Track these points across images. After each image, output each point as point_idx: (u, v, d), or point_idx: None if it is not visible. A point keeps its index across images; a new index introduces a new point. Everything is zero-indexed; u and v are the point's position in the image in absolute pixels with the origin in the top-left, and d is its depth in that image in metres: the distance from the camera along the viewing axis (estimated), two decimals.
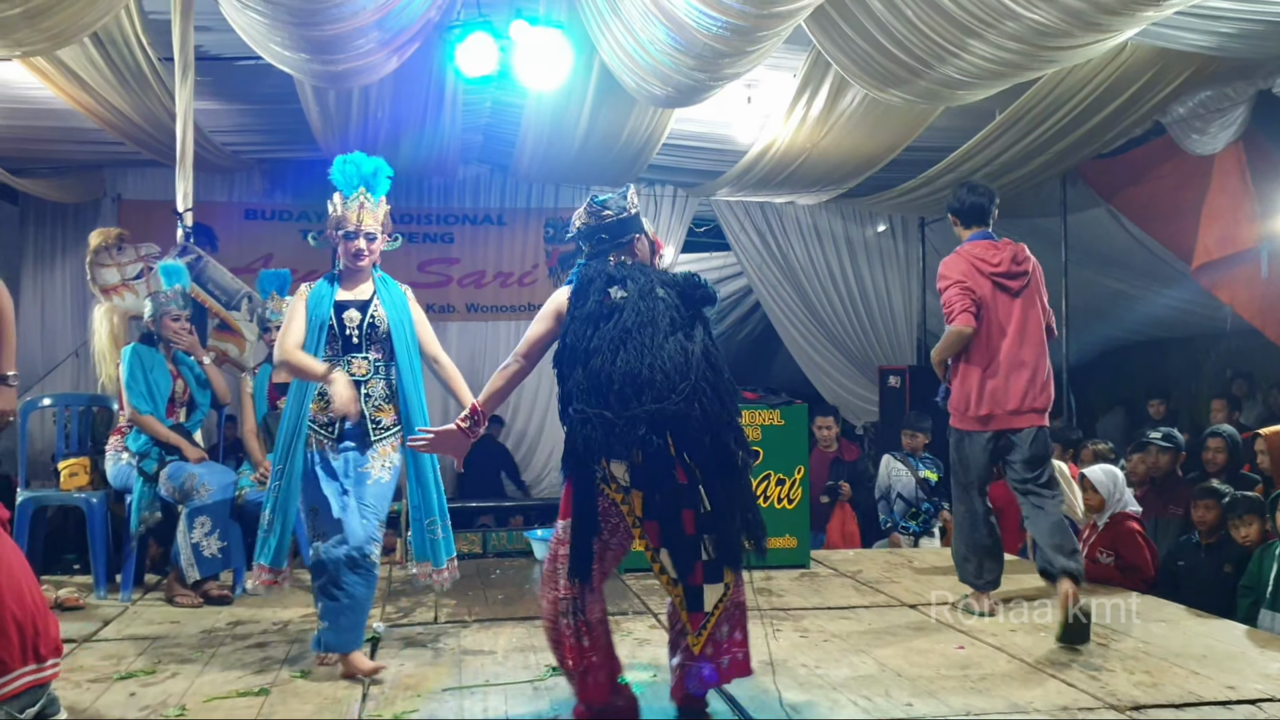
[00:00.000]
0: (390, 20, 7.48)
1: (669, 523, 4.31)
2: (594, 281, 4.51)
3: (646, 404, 4.22)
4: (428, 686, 5.22)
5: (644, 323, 4.36)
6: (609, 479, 4.33)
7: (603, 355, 4.28)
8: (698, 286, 4.62)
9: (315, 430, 5.40)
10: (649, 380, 4.25)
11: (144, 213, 11.84)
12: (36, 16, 7.16)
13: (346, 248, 5.49)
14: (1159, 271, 12.04)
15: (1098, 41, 7.25)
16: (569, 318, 4.49)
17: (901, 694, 5.07)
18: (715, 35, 7.06)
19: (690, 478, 4.34)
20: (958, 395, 6.63)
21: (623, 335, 4.31)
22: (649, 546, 4.34)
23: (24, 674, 4.26)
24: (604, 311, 4.40)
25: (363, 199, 5.48)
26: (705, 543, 4.35)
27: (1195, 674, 5.31)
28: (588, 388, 4.28)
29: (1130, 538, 7.37)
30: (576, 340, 4.39)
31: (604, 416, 4.23)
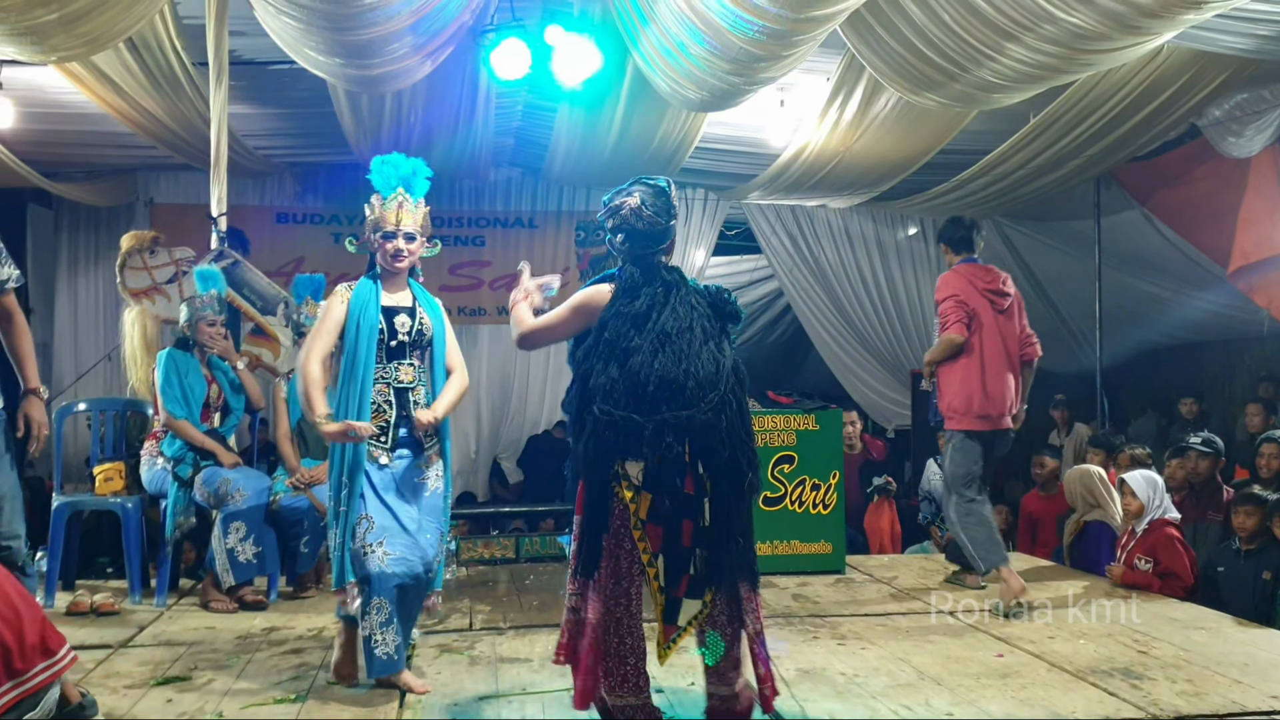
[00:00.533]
0: (425, 24, 7.47)
1: (670, 530, 4.26)
2: (646, 284, 4.43)
3: (676, 409, 4.19)
4: (464, 694, 5.20)
5: (682, 328, 4.32)
6: (621, 477, 4.26)
7: (643, 355, 4.23)
8: (729, 302, 4.60)
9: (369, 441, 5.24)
10: (682, 386, 4.21)
11: (176, 217, 11.88)
12: (73, 22, 7.19)
13: (385, 248, 5.35)
14: (1193, 275, 11.96)
15: (1136, 45, 7.19)
16: (612, 313, 4.39)
17: (941, 702, 5.03)
18: (751, 39, 7.03)
19: (697, 489, 4.29)
20: (959, 397, 7.12)
21: (662, 338, 4.27)
22: (648, 550, 4.27)
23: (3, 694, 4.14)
24: (646, 313, 4.34)
25: (401, 199, 5.36)
26: (696, 557, 4.29)
27: (1238, 683, 5.26)
28: (621, 388, 4.22)
29: (1169, 544, 7.31)
30: (616, 337, 4.32)
31: (632, 419, 4.18)
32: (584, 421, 4.30)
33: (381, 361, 5.32)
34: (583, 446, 4.28)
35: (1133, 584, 7.28)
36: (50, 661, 4.30)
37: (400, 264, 5.39)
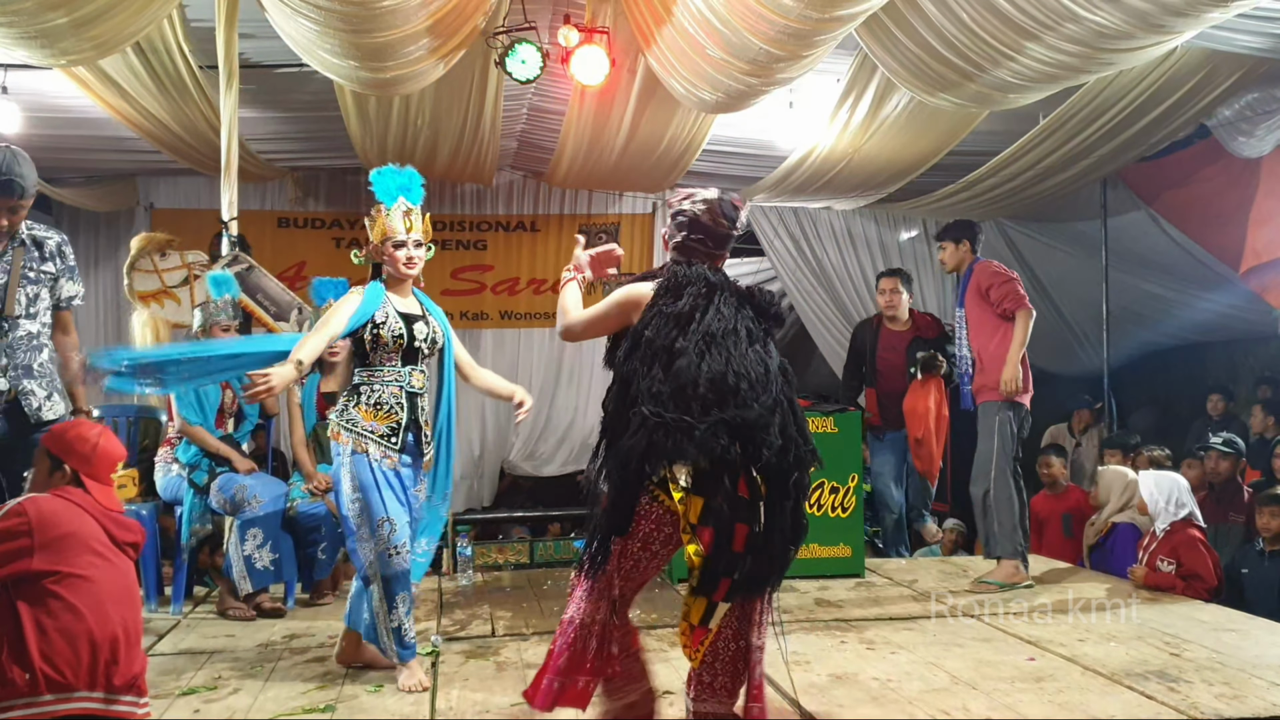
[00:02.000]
0: (441, 28, 7.42)
1: (722, 533, 4.07)
2: (693, 283, 4.33)
3: (729, 411, 4.06)
4: (495, 702, 5.16)
5: (728, 330, 4.22)
6: (668, 481, 4.12)
7: (689, 356, 4.11)
8: (771, 304, 4.51)
9: (376, 440, 5.36)
10: (734, 388, 4.08)
11: (176, 221, 11.77)
12: (83, 25, 7.14)
13: (396, 257, 5.51)
14: (1200, 275, 11.92)
15: (1158, 44, 7.15)
16: (654, 312, 4.28)
17: (978, 706, 5.00)
18: (771, 39, 6.97)
19: (752, 493, 4.13)
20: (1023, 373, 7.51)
21: (708, 339, 4.16)
22: (700, 553, 4.07)
23: (85, 699, 4.14)
24: (691, 313, 4.23)
25: (406, 207, 5.53)
26: (744, 563, 4.10)
27: (1276, 685, 5.24)
28: (670, 389, 4.07)
29: (1191, 546, 7.28)
30: (658, 336, 4.19)
31: (684, 421, 4.02)
32: (628, 422, 4.15)
33: (397, 365, 5.46)
34: (629, 445, 4.10)
35: (1156, 586, 7.26)
36: (136, 700, 4.33)
37: (412, 270, 5.57)
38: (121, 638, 4.22)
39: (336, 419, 5.43)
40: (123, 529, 4.43)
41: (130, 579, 4.43)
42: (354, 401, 5.42)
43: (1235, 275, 10.38)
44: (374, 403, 5.40)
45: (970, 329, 7.85)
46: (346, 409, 5.42)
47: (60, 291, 5.64)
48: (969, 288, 7.84)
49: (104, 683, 4.17)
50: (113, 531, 4.38)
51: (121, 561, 4.38)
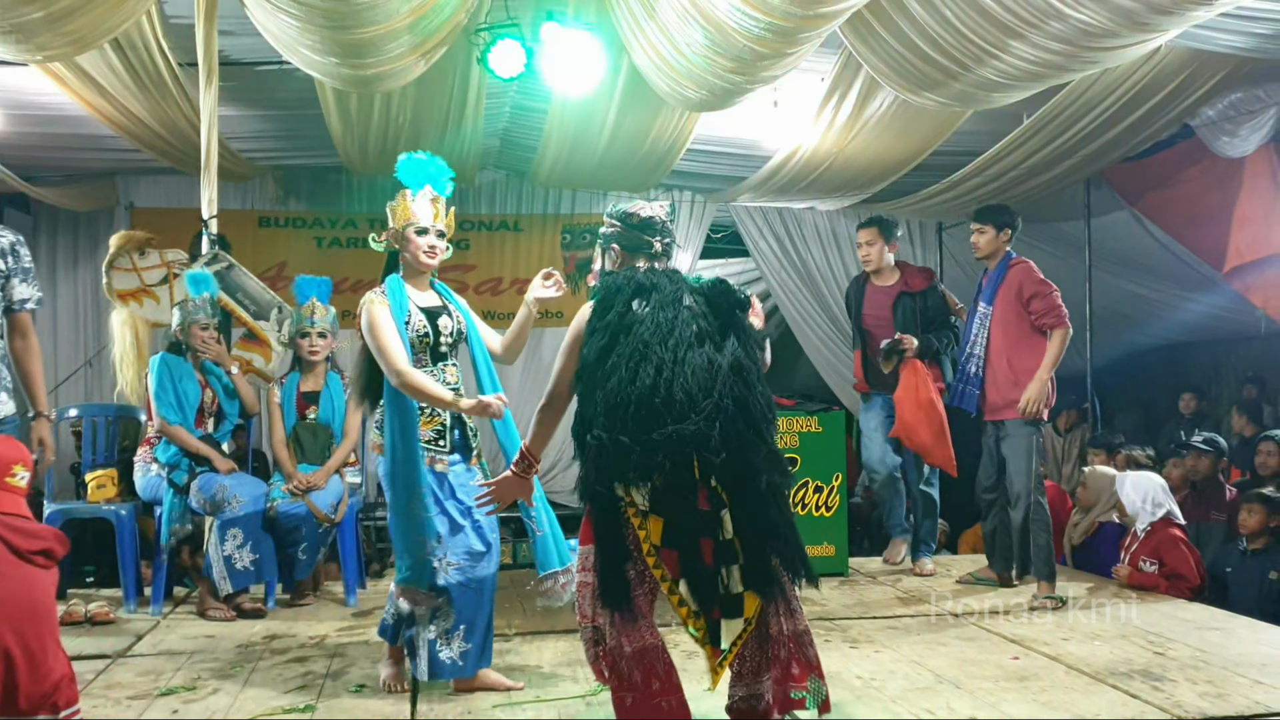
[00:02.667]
0: (422, 24, 7.38)
1: (688, 552, 4.01)
2: (620, 291, 4.22)
3: (666, 426, 3.94)
4: (477, 702, 5.12)
5: (664, 335, 4.06)
6: (628, 504, 4.05)
7: (619, 375, 4.00)
8: (726, 293, 4.35)
9: (424, 446, 5.16)
10: (668, 400, 3.95)
11: (157, 220, 11.70)
12: (59, 20, 7.06)
13: (418, 245, 5.24)
14: (1183, 276, 11.94)
15: (1142, 42, 7.14)
16: (588, 331, 4.20)
17: (963, 706, 4.98)
18: (756, 37, 6.94)
19: (713, 504, 4.03)
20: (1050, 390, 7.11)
21: (642, 351, 4.04)
22: (666, 577, 4.03)
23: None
24: (624, 325, 4.13)
25: (433, 195, 5.30)
26: (724, 575, 4.03)
27: (1259, 683, 5.23)
28: (605, 410, 4.00)
29: (1172, 545, 7.28)
30: (593, 356, 4.12)
31: (620, 442, 3.94)
32: (583, 447, 4.10)
33: (428, 364, 5.22)
34: (584, 473, 4.08)
35: (1139, 585, 7.25)
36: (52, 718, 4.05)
37: (433, 261, 5.30)
38: (19, 655, 3.89)
39: (376, 427, 5.29)
40: (25, 536, 4.06)
41: (35, 590, 4.05)
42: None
43: (1219, 275, 10.38)
44: (420, 409, 5.17)
45: (994, 332, 7.26)
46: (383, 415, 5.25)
47: (11, 293, 5.36)
48: (1003, 285, 7.30)
49: (3, 707, 3.89)
50: (10, 540, 4.02)
51: (21, 572, 4.02)
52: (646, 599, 4.15)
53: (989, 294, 7.37)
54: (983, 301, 7.40)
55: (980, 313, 7.38)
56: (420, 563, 5.09)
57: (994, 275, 7.40)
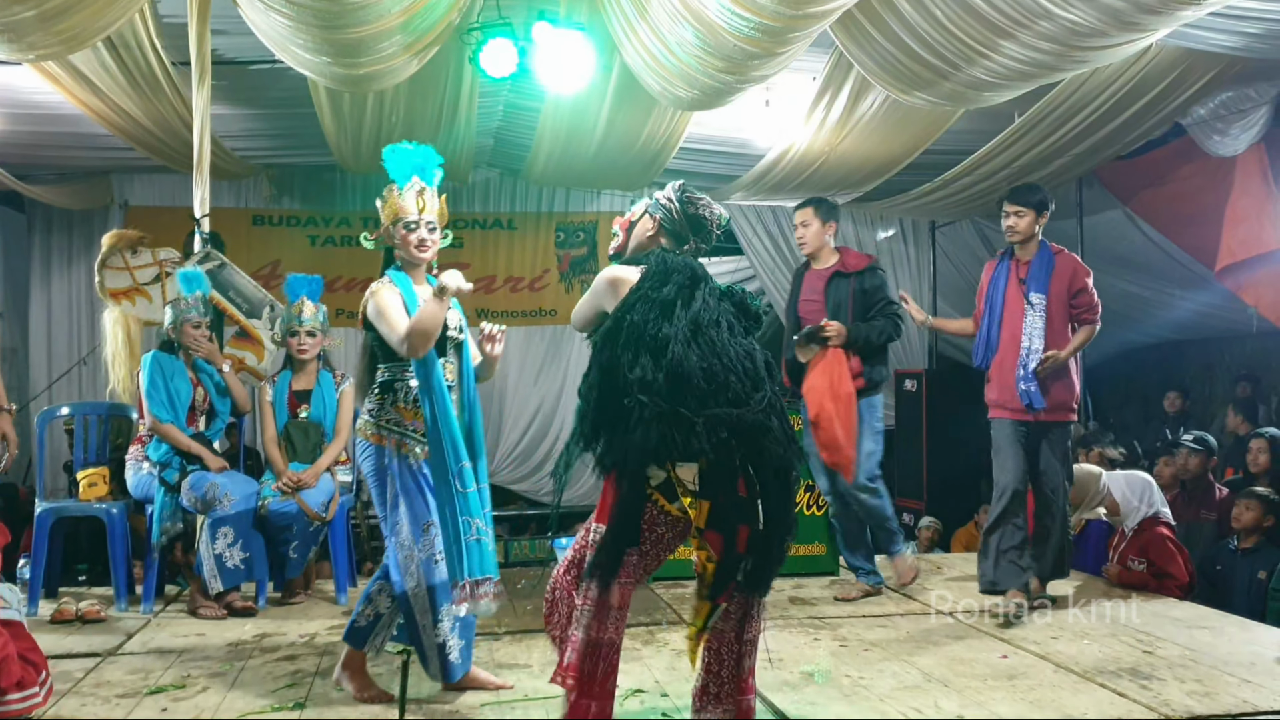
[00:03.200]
0: (414, 24, 7.39)
1: (730, 537, 3.98)
2: (680, 272, 4.21)
3: (724, 406, 3.95)
4: (465, 701, 5.11)
5: (714, 321, 4.10)
6: (673, 484, 4.02)
7: (678, 345, 3.98)
8: (750, 301, 4.39)
9: (420, 439, 5.05)
10: (724, 382, 3.97)
11: (151, 219, 11.72)
12: (51, 19, 7.06)
13: (408, 239, 5.09)
14: (1175, 274, 11.96)
15: (1131, 41, 7.17)
16: (638, 297, 4.15)
17: (950, 704, 4.99)
18: (746, 37, 6.96)
19: (750, 492, 4.01)
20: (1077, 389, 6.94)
21: (694, 329, 4.04)
22: (711, 559, 3.99)
23: None
24: (681, 300, 4.12)
25: (420, 187, 5.14)
26: (745, 563, 4.02)
27: (1247, 682, 5.25)
28: (660, 379, 3.94)
29: (1161, 544, 7.29)
30: (644, 322, 4.06)
31: (680, 414, 3.90)
32: (620, 414, 4.01)
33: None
34: (634, 441, 3.96)
35: (1128, 584, 7.26)
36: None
37: (425, 254, 5.15)
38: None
39: (372, 419, 5.10)
40: None
41: None
42: (391, 400, 5.08)
43: (1211, 274, 10.42)
44: (414, 400, 5.06)
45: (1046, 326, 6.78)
46: (384, 408, 5.09)
47: None
48: (1055, 275, 6.80)
49: None
50: None
51: None
52: (625, 591, 4.10)
53: (1040, 284, 6.81)
54: (1034, 292, 6.79)
55: (1034, 304, 6.77)
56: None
57: (1040, 263, 6.85)
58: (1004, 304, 6.93)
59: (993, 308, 6.99)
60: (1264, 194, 9.27)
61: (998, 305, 6.96)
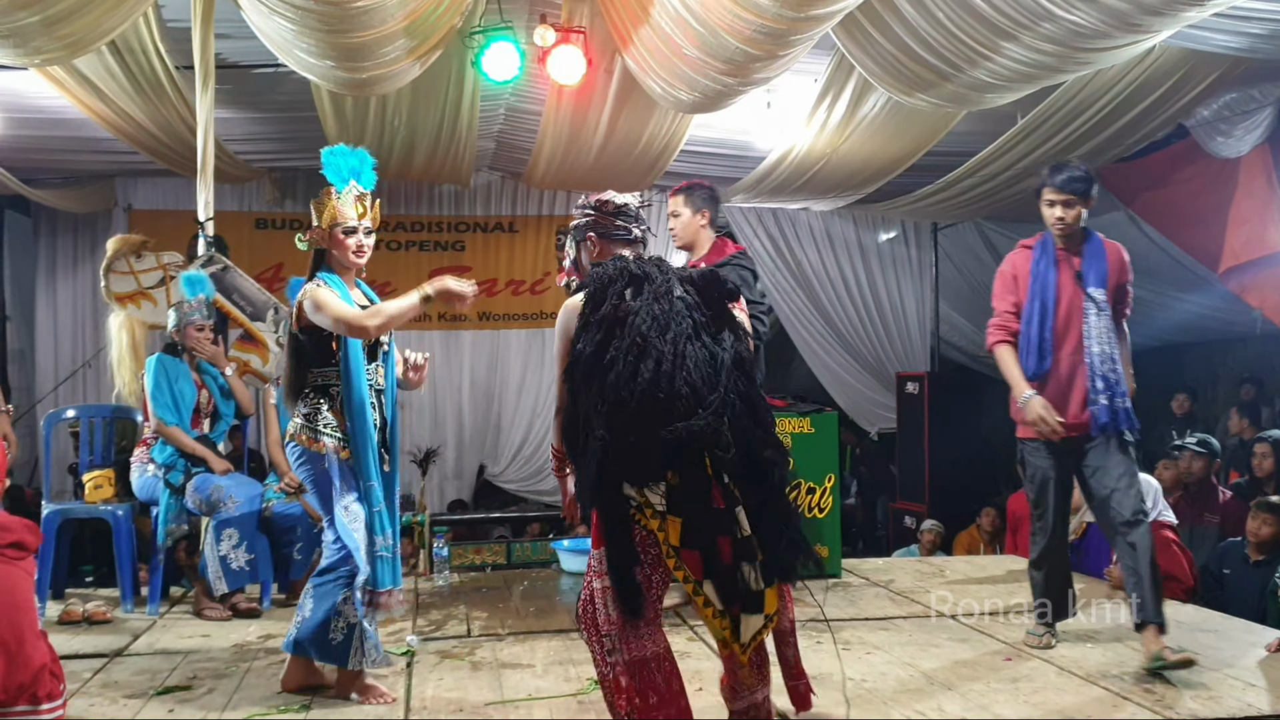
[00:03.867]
0: (418, 27, 7.41)
1: (709, 551, 3.88)
2: (612, 282, 4.03)
3: (671, 423, 3.78)
4: (470, 701, 5.12)
5: (661, 328, 3.90)
6: (643, 506, 3.89)
7: (617, 369, 3.81)
8: (717, 283, 4.18)
9: (327, 435, 5.07)
10: (672, 395, 3.79)
11: (155, 222, 11.78)
12: (55, 24, 7.09)
13: (345, 243, 5.08)
14: (1178, 276, 11.95)
15: (1134, 43, 7.18)
16: (581, 323, 4.00)
17: (954, 707, 4.98)
18: (748, 39, 6.97)
19: (728, 501, 3.91)
20: None
21: (640, 344, 3.84)
22: (689, 579, 3.89)
23: None
24: (618, 317, 3.93)
25: (359, 192, 5.15)
26: (744, 572, 3.90)
27: (1251, 686, 5.23)
28: (607, 407, 3.82)
29: (1165, 547, 7.24)
30: (588, 347, 3.92)
31: (627, 442, 3.80)
32: (584, 447, 3.94)
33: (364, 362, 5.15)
34: (589, 475, 3.90)
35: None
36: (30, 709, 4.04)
37: (362, 259, 5.17)
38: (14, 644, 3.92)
39: (309, 424, 5.08)
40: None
41: (10, 583, 4.04)
42: (328, 404, 5.09)
43: (1214, 276, 10.43)
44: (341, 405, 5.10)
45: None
46: (320, 413, 5.08)
47: None
48: (1110, 268, 5.79)
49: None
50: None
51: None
52: (652, 604, 4.03)
53: (1098, 278, 5.74)
54: (1094, 287, 5.72)
55: (1097, 301, 5.70)
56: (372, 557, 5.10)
57: (1094, 254, 5.80)
58: (1058, 300, 5.76)
59: (1045, 305, 5.78)
60: (1268, 195, 9.27)
61: (1051, 302, 5.76)
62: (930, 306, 14.68)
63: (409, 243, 13.31)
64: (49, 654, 4.15)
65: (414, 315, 4.95)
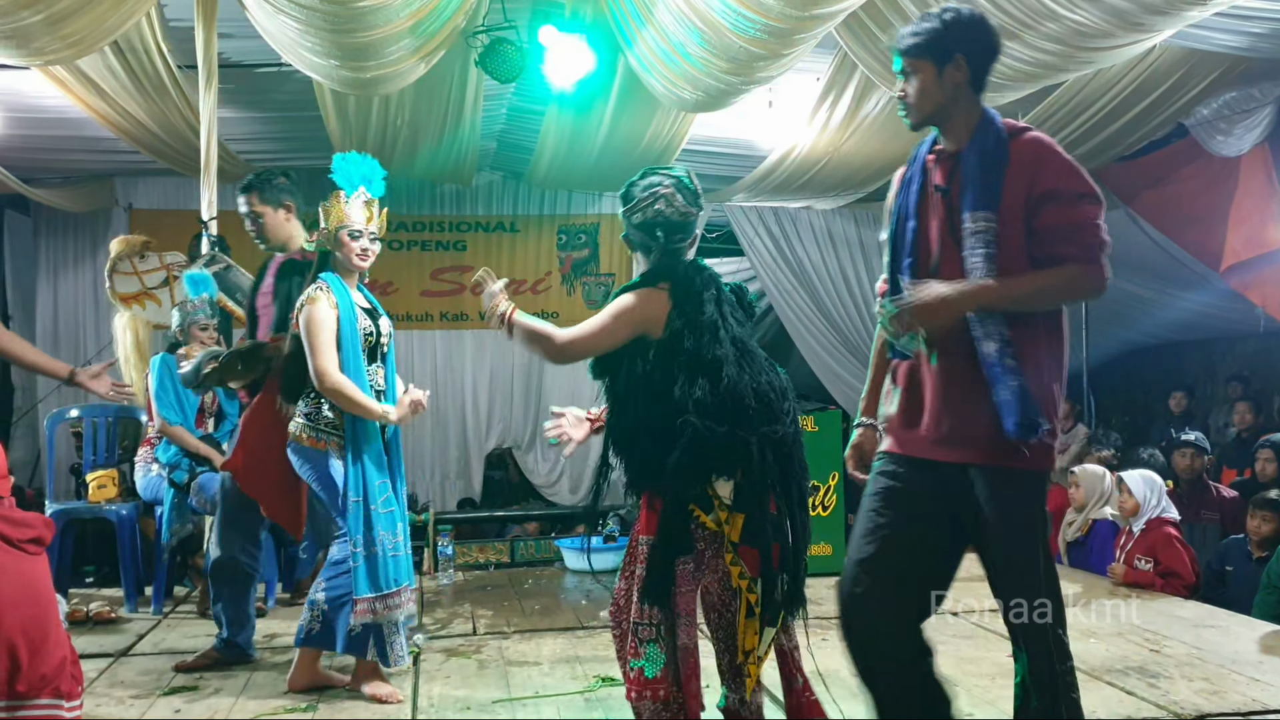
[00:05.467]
0: (423, 27, 7.41)
1: (766, 551, 3.94)
2: (708, 285, 4.11)
3: (770, 424, 3.91)
4: (477, 699, 5.15)
5: (747, 334, 4.09)
6: (710, 498, 3.94)
7: (731, 366, 3.91)
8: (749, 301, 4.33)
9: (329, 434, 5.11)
10: (766, 399, 3.93)
11: (155, 222, 11.78)
12: (58, 23, 7.08)
13: (351, 248, 5.17)
14: (1178, 275, 11.96)
15: (1136, 42, 7.19)
16: (683, 321, 3.99)
17: (960, 703, 4.95)
18: (752, 38, 6.98)
19: (779, 509, 3.97)
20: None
21: (740, 348, 3.99)
22: (744, 575, 3.95)
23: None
24: (716, 319, 4.02)
25: (366, 197, 5.26)
26: (781, 581, 3.99)
27: (1256, 681, 5.25)
28: (719, 401, 3.86)
29: (1168, 544, 7.29)
30: (700, 347, 3.94)
31: (735, 435, 3.85)
32: (667, 435, 3.91)
33: (366, 364, 5.19)
34: (677, 461, 3.89)
35: (1135, 583, 7.27)
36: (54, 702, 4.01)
37: (365, 264, 5.25)
38: (21, 642, 3.88)
39: (310, 424, 5.12)
40: (15, 525, 4.00)
41: (32, 577, 4.01)
42: (326, 404, 5.10)
43: (1213, 274, 10.45)
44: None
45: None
46: (320, 412, 5.11)
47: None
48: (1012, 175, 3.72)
49: (5, 691, 3.85)
50: (4, 531, 3.97)
51: (17, 561, 3.97)
52: (687, 598, 4.06)
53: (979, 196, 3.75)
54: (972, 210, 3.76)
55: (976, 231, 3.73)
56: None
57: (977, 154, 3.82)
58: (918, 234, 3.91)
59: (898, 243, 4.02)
60: (1268, 193, 9.29)
61: (907, 236, 3.95)
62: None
63: (410, 242, 13.29)
64: (70, 649, 4.16)
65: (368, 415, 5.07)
